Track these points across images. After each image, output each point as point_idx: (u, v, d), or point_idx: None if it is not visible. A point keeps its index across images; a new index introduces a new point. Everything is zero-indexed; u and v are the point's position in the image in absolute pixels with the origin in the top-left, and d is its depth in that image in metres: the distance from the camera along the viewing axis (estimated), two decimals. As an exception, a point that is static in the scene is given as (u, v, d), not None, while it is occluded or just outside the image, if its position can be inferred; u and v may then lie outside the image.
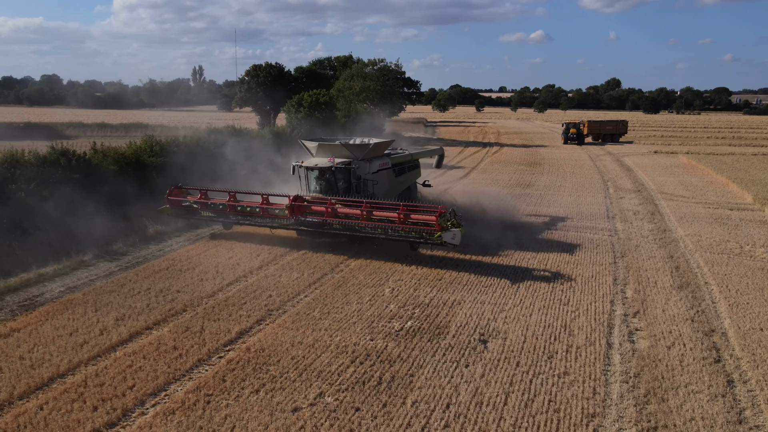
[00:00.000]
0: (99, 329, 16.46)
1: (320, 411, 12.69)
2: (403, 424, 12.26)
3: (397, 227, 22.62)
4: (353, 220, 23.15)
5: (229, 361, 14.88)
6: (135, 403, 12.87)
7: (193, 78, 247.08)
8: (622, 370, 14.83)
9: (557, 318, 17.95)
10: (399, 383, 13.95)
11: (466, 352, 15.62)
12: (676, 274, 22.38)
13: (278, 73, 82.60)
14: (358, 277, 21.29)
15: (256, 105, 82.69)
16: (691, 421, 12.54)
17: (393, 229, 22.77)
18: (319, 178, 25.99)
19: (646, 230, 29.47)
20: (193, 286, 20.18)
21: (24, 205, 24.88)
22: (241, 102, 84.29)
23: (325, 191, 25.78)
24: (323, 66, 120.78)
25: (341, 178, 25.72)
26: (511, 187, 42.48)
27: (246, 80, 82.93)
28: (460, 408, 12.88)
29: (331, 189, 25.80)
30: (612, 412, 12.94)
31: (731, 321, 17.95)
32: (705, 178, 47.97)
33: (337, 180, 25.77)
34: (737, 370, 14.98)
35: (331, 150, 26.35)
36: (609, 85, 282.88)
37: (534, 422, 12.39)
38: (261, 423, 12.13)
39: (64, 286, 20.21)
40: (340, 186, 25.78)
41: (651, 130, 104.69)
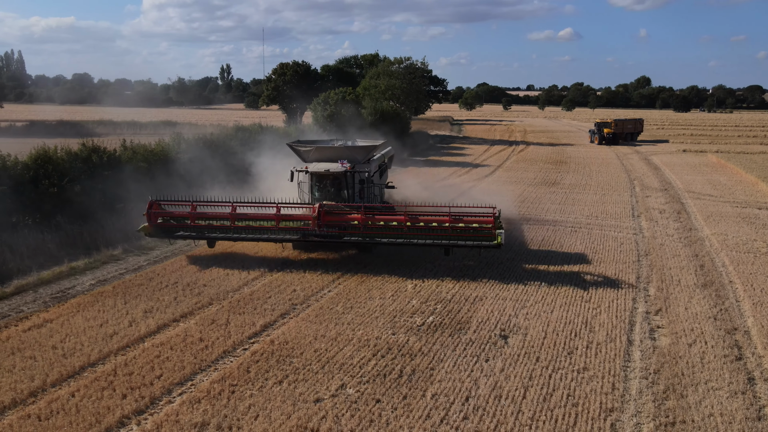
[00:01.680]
0: (128, 321, 16.92)
1: (342, 402, 12.96)
2: (422, 415, 12.48)
3: (447, 232, 21.55)
4: (395, 230, 21.64)
5: (253, 353, 15.23)
6: (162, 391, 13.26)
7: (221, 76, 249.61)
8: (642, 366, 14.89)
9: (578, 315, 18.02)
10: (419, 376, 14.17)
11: (486, 347, 15.78)
12: (700, 273, 22.29)
13: (305, 72, 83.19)
14: (381, 273, 21.52)
15: (282, 103, 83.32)
16: (710, 417, 12.58)
17: (441, 234, 21.61)
18: (327, 185, 24.02)
19: (671, 229, 29.32)
20: (219, 280, 20.60)
21: (56, 200, 25.52)
22: (267, 100, 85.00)
23: (333, 198, 23.70)
24: (350, 64, 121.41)
25: (352, 182, 23.98)
26: (536, 185, 42.42)
27: (273, 78, 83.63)
28: (479, 401, 13.07)
29: (338, 195, 23.86)
30: (630, 407, 13.03)
31: (755, 319, 17.88)
32: (734, 177, 47.43)
33: (348, 185, 23.92)
34: (758, 367, 14.95)
35: (331, 153, 24.67)
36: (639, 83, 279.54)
37: (552, 416, 12.53)
38: (284, 412, 12.43)
39: (94, 279, 20.77)
40: (349, 192, 23.90)
41: (680, 128, 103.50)
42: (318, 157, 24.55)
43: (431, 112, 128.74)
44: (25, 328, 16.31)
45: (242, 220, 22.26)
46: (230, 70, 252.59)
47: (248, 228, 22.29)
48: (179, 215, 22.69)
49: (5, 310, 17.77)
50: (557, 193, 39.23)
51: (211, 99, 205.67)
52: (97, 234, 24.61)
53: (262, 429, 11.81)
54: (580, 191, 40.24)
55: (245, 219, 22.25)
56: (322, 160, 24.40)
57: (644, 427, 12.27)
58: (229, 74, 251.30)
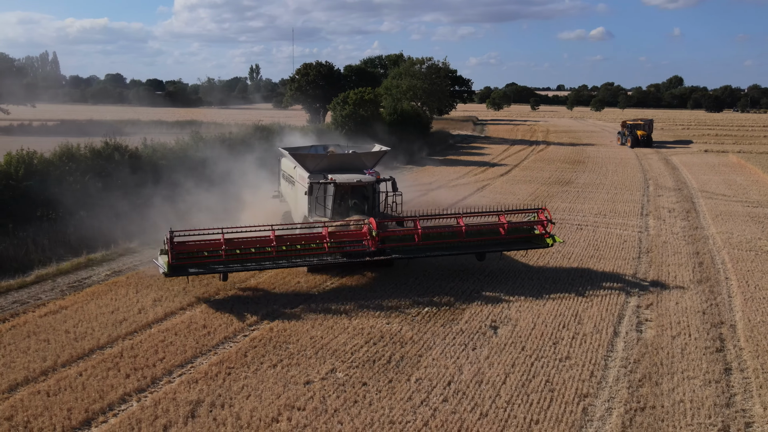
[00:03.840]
0: (138, 308, 17.90)
1: (330, 384, 13.75)
2: (404, 398, 13.22)
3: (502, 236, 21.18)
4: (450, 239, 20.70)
5: (252, 339, 16.10)
6: (163, 372, 14.17)
7: (250, 76, 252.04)
8: (624, 356, 15.46)
9: (569, 308, 18.60)
10: (407, 362, 14.91)
11: (475, 336, 16.46)
12: (698, 270, 22.68)
13: (328, 72, 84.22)
14: (382, 269, 22.06)
15: (305, 103, 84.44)
16: (680, 404, 13.14)
17: (494, 238, 21.23)
18: (351, 197, 21.82)
19: (678, 227, 29.63)
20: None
21: (78, 195, 26.68)
22: (291, 100, 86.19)
23: (357, 211, 21.46)
24: (374, 64, 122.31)
25: (376, 193, 22.32)
26: (550, 184, 42.82)
27: (296, 78, 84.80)
28: (460, 385, 13.77)
29: (363, 207, 21.80)
30: (605, 393, 13.63)
31: (743, 314, 18.31)
32: (751, 177, 47.31)
33: (370, 196, 22.21)
34: (737, 359, 15.44)
35: (342, 160, 23.03)
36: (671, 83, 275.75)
37: (527, 400, 13.19)
38: (274, 393, 13.27)
39: (110, 270, 21.83)
40: (368, 203, 22.12)
41: (706, 128, 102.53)
42: (328, 166, 22.33)
43: (456, 112, 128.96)
44: (42, 314, 17.37)
45: (285, 245, 19.21)
46: (259, 70, 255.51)
47: (294, 253, 19.34)
48: (209, 246, 18.61)
49: (24, 297, 18.87)
50: (569, 192, 39.62)
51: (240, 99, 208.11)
52: (115, 227, 25.67)
53: (251, 407, 12.64)
54: (593, 190, 40.57)
55: (288, 243, 19.31)
56: (333, 168, 22.18)
57: (615, 411, 12.87)
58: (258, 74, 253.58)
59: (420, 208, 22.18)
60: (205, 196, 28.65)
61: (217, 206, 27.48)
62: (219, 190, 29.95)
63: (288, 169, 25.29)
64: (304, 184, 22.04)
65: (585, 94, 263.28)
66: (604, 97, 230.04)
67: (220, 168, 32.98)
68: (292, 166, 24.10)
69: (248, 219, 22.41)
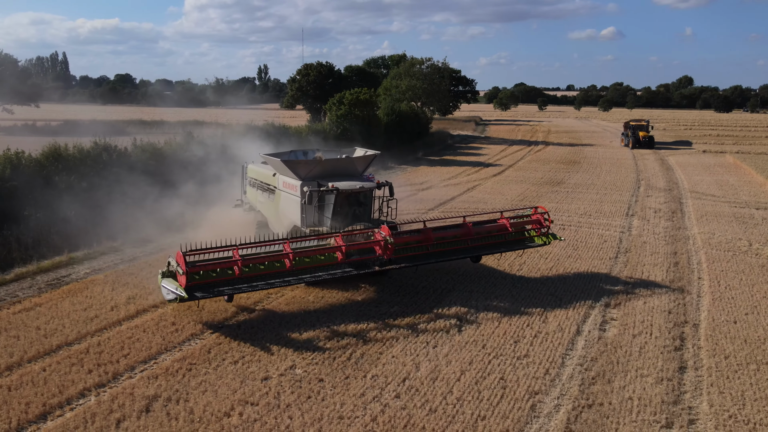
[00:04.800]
0: (110, 306, 18.23)
1: (287, 380, 14.04)
2: (357, 393, 13.49)
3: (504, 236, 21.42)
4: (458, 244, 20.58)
5: (219, 336, 16.41)
6: (126, 368, 14.49)
7: (259, 77, 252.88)
8: (582, 354, 15.67)
9: (537, 307, 18.82)
10: (366, 360, 15.17)
11: (439, 334, 16.70)
12: (672, 270, 22.84)
13: (328, 72, 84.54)
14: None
15: (306, 103, 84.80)
16: (628, 401, 13.35)
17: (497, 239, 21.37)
18: (351, 203, 21.00)
19: (660, 228, 29.76)
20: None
21: (64, 195, 27.06)
22: (292, 100, 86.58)
23: (357, 218, 20.89)
24: (377, 65, 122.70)
25: (370, 199, 21.57)
26: (541, 185, 42.95)
27: (297, 79, 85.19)
28: (414, 382, 14.03)
29: (362, 214, 21.19)
30: (556, 390, 13.85)
31: (708, 314, 18.49)
32: (744, 177, 47.29)
33: (367, 203, 21.51)
34: (694, 357, 15.63)
35: (335, 165, 21.96)
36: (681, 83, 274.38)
37: (479, 396, 13.43)
38: (230, 388, 13.56)
39: (90, 268, 22.19)
40: (366, 210, 21.48)
41: (709, 129, 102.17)
42: (321, 172, 21.28)
43: (461, 113, 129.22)
44: (16, 311, 17.73)
45: (301, 258, 18.04)
46: (267, 71, 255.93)
47: (310, 267, 18.15)
48: (225, 265, 17.08)
49: (2, 294, 19.24)
50: (559, 193, 39.75)
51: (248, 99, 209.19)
52: (100, 227, 26.04)
53: (205, 402, 12.94)
54: (583, 190, 40.69)
55: (303, 256, 18.14)
56: (325, 174, 21.24)
57: (562, 408, 13.09)
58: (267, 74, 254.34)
59: (406, 208, 22.37)
60: (191, 197, 28.94)
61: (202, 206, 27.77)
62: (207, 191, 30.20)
63: (261, 177, 24.02)
64: (294, 192, 21.00)
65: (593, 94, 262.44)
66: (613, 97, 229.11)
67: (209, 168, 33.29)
68: (270, 173, 23.01)
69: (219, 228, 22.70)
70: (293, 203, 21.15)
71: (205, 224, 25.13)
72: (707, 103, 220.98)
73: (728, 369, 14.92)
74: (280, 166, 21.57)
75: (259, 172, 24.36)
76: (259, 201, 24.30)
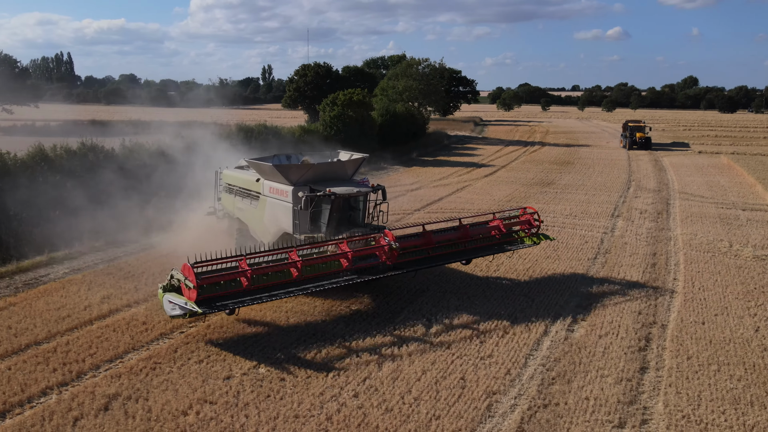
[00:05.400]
0: (84, 305, 18.41)
1: (249, 379, 14.18)
2: (317, 393, 13.63)
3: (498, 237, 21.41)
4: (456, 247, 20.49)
5: (188, 335, 16.56)
6: (91, 367, 14.65)
7: (263, 77, 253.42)
8: (546, 354, 15.77)
9: (508, 307, 18.92)
10: (331, 358, 15.31)
11: (406, 334, 16.81)
12: (648, 271, 22.91)
13: (326, 73, 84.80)
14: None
15: (304, 104, 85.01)
16: (584, 400, 13.45)
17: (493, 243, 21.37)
18: (342, 209, 20.38)
19: (644, 228, 29.82)
20: (185, 270, 21.74)
21: (49, 195, 27.24)
22: (290, 101, 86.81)
23: (352, 223, 20.59)
24: (377, 65, 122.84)
25: (364, 203, 21.15)
26: (530, 186, 43.01)
27: (295, 80, 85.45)
28: (374, 381, 14.16)
29: (356, 219, 20.87)
30: (514, 390, 13.96)
31: (678, 314, 18.57)
32: (736, 178, 47.28)
33: (363, 207, 21.11)
34: (657, 358, 15.72)
35: (326, 170, 21.32)
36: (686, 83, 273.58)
37: (437, 396, 13.54)
38: (192, 387, 13.71)
39: (69, 268, 22.36)
40: (361, 214, 21.06)
41: (708, 129, 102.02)
42: (313, 176, 20.56)
43: (461, 113, 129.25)
44: (-10, 311, 17.92)
45: (310, 268, 17.37)
46: (272, 71, 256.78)
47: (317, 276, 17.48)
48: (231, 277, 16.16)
49: (-22, 294, 19.45)
50: (548, 193, 39.81)
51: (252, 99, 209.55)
52: (84, 227, 26.20)
53: (164, 400, 13.09)
54: (572, 191, 40.74)
55: (311, 265, 17.44)
56: (317, 179, 20.53)
57: (518, 408, 13.20)
58: (271, 75, 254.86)
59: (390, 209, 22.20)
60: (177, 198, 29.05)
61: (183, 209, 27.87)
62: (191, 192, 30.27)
63: (241, 182, 22.98)
64: (284, 198, 20.23)
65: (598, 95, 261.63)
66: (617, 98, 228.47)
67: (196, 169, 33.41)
68: (253, 179, 22.07)
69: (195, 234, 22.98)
70: (283, 209, 20.36)
71: (183, 228, 25.17)
72: (712, 103, 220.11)
73: (689, 370, 15.00)
74: (269, 170, 20.70)
75: (238, 178, 23.30)
76: (239, 208, 23.10)
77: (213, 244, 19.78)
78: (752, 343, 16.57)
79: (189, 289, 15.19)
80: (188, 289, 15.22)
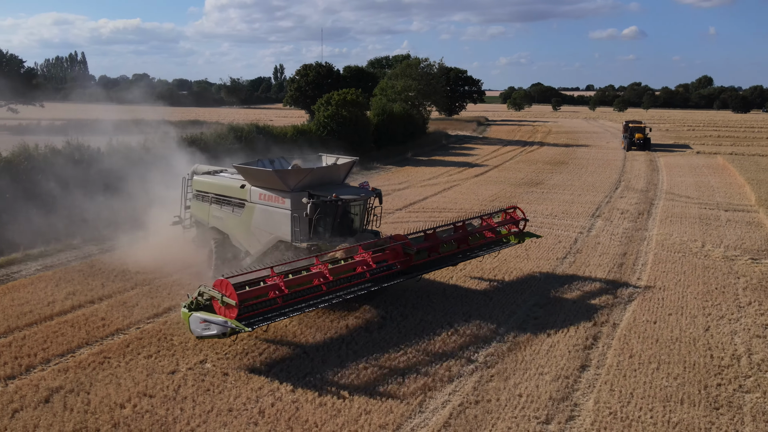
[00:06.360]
0: (48, 301, 18.82)
1: (194, 374, 14.52)
2: (256, 387, 13.95)
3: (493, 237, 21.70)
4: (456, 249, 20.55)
5: (143, 331, 16.93)
6: (41, 361, 15.05)
7: (275, 76, 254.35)
8: (491, 352, 16.00)
9: (465, 305, 19.17)
10: (279, 354, 15.62)
11: (356, 332, 17.10)
12: (614, 271, 23.06)
13: (326, 73, 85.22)
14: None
15: (304, 103, 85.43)
16: (517, 397, 13.69)
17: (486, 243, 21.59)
18: (344, 214, 20.03)
19: (621, 229, 29.92)
20: (160, 267, 21.96)
21: (29, 193, 27.73)
22: (291, 100, 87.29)
23: (354, 228, 20.42)
24: (381, 65, 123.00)
25: (363, 208, 20.69)
26: (518, 186, 43.13)
27: (296, 79, 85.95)
28: (316, 377, 14.46)
29: (354, 224, 20.57)
30: (450, 387, 14.21)
31: (632, 314, 18.73)
32: (727, 179, 47.18)
33: (363, 212, 20.71)
34: (600, 356, 15.92)
35: (323, 174, 20.67)
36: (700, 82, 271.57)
37: (373, 391, 13.81)
38: (135, 381, 14.07)
39: (42, 265, 22.81)
40: (358, 219, 20.65)
41: (712, 129, 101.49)
42: (311, 181, 19.95)
43: (468, 113, 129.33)
44: (-45, 306, 18.37)
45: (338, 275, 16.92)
46: (283, 70, 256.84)
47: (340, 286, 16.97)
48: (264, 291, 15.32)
49: (-52, 290, 19.91)
50: (534, 193, 39.93)
51: (263, 99, 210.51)
52: (63, 225, 26.63)
53: (104, 393, 13.46)
54: (559, 191, 40.84)
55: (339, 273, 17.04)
56: (314, 183, 19.99)
57: (449, 404, 13.45)
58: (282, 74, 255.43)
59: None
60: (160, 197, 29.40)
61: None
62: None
63: (219, 189, 22.05)
64: (279, 205, 19.60)
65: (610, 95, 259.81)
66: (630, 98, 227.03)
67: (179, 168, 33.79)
68: (236, 185, 21.23)
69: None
70: (279, 216, 19.64)
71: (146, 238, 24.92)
72: (725, 103, 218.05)
73: (628, 368, 15.19)
74: (265, 176, 19.93)
75: (215, 185, 22.32)
76: (216, 216, 22.08)
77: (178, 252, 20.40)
78: (698, 342, 16.73)
79: (228, 306, 14.34)
80: (226, 306, 14.39)
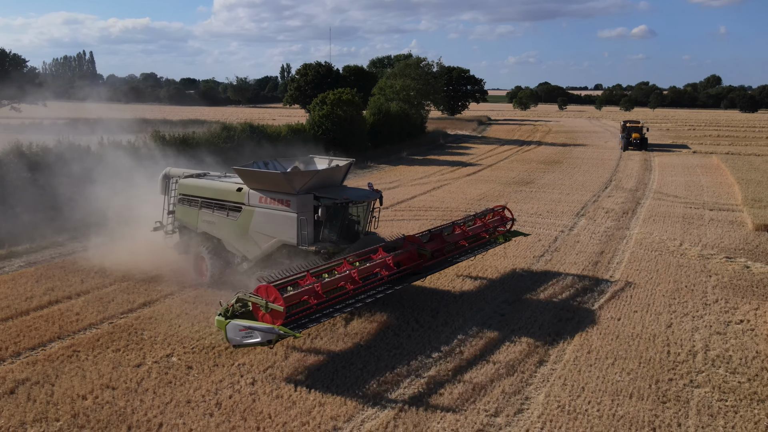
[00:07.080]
0: (26, 296, 19.29)
1: (159, 367, 14.92)
2: (217, 380, 14.34)
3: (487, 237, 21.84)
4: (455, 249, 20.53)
5: (115, 326, 17.35)
6: (12, 354, 15.49)
7: (281, 75, 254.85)
8: (450, 349, 16.32)
9: (434, 302, 19.54)
10: (244, 350, 15.95)
11: (323, 329, 17.44)
12: (589, 269, 23.36)
13: (326, 72, 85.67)
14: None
15: (304, 103, 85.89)
16: (470, 391, 14.01)
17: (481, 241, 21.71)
18: (349, 216, 20.13)
19: (603, 227, 30.19)
20: (135, 264, 22.38)
21: (19, 191, 28.22)
22: (290, 100, 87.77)
23: (357, 231, 20.42)
24: (383, 64, 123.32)
25: (367, 210, 20.73)
26: (508, 185, 43.40)
27: (296, 79, 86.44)
28: (276, 370, 14.85)
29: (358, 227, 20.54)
30: (408, 380, 14.55)
31: (599, 311, 19.04)
32: (718, 179, 47.32)
33: (367, 213, 20.74)
34: (559, 352, 16.23)
35: (325, 176, 20.27)
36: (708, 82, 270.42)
37: (331, 384, 14.18)
38: (100, 374, 14.48)
39: (26, 261, 23.29)
40: (362, 221, 20.63)
41: (712, 129, 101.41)
42: (315, 183, 19.65)
43: (471, 112, 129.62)
44: (-65, 301, 18.83)
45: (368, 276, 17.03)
46: (290, 70, 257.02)
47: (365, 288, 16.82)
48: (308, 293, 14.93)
49: (-70, 286, 20.39)
50: (522, 192, 40.21)
51: (269, 98, 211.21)
52: (51, 222, 27.10)
53: (69, 385, 13.87)
54: (547, 190, 41.10)
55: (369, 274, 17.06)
56: (317, 185, 19.71)
57: (402, 397, 13.80)
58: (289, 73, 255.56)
59: None
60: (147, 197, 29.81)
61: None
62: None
63: (210, 193, 21.45)
64: (283, 208, 19.14)
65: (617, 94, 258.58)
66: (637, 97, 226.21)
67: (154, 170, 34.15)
68: (232, 188, 20.69)
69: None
70: (283, 219, 19.20)
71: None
72: (733, 103, 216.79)
73: (585, 363, 15.50)
74: (269, 178, 19.45)
75: (206, 188, 21.68)
76: (206, 221, 21.42)
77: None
78: (658, 338, 17.02)
79: (274, 312, 13.99)
80: (274, 312, 14.00)
